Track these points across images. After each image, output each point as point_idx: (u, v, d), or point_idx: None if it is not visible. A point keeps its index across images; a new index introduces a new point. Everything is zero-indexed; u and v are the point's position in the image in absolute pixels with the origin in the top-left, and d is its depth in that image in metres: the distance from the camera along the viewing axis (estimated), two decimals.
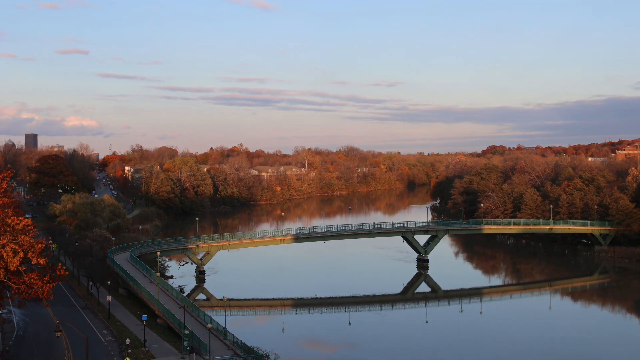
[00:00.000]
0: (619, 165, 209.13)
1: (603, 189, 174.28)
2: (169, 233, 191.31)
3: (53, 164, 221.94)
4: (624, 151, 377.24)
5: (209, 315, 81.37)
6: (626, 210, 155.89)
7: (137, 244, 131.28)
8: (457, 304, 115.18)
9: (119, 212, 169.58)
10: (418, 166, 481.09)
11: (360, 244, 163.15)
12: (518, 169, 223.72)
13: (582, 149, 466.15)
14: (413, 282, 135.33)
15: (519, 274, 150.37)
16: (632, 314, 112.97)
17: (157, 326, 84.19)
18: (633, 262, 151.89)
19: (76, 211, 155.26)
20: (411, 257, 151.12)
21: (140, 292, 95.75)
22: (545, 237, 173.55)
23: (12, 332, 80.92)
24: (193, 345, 70.34)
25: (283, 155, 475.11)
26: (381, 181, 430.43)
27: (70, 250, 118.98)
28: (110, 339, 78.17)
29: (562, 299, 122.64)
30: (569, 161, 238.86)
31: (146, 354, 71.66)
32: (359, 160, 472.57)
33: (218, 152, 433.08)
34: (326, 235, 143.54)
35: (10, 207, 70.20)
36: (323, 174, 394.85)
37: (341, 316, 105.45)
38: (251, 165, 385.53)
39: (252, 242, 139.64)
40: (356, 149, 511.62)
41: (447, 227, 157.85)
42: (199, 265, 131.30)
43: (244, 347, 70.11)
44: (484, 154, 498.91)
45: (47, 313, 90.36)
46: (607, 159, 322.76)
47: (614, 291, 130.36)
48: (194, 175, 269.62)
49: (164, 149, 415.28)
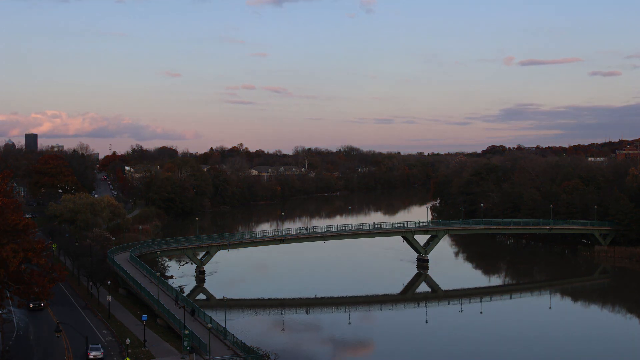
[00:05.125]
0: (619, 165, 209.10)
1: (603, 189, 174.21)
2: (169, 233, 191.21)
3: (53, 164, 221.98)
4: (624, 151, 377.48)
5: (209, 315, 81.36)
6: (626, 210, 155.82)
7: (137, 244, 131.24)
8: (457, 304, 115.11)
9: (119, 212, 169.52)
10: (418, 166, 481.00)
11: (360, 244, 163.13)
12: (518, 169, 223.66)
13: (582, 149, 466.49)
14: (413, 282, 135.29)
15: (519, 274, 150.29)
16: (632, 314, 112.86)
17: (157, 326, 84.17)
18: (633, 262, 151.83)
19: (76, 211, 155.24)
20: (411, 257, 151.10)
21: (140, 292, 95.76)
22: (545, 237, 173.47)
23: (12, 332, 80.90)
24: (193, 345, 70.35)
25: (283, 155, 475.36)
26: (381, 181, 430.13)
27: (70, 250, 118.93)
28: (110, 339, 78.16)
29: (562, 299, 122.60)
30: (569, 161, 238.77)
31: (146, 354, 71.65)
32: (359, 160, 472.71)
33: (218, 152, 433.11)
34: (326, 235, 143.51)
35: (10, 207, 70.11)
36: (323, 174, 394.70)
37: (341, 316, 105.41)
38: (251, 165, 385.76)
39: (252, 242, 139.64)
40: (356, 149, 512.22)
41: (447, 227, 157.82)
42: (199, 265, 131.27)
43: (244, 347, 70.11)
44: (484, 154, 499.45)
45: (47, 313, 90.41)
46: (607, 159, 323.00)
47: (614, 291, 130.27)
48: (194, 175, 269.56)
49: (164, 149, 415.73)
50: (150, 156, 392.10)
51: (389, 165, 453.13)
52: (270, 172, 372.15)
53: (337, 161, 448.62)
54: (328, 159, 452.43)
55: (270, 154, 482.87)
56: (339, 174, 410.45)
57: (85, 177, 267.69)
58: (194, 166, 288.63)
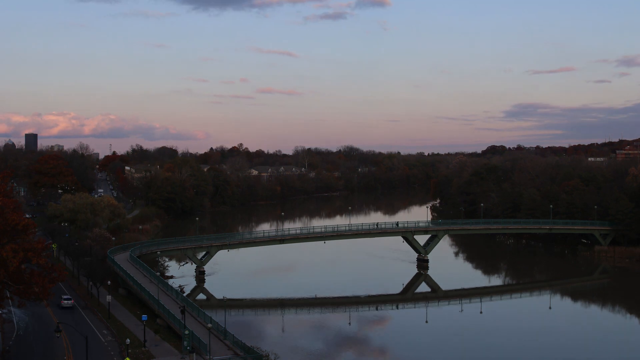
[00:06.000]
0: (619, 165, 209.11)
1: (603, 189, 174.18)
2: (169, 233, 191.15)
3: (53, 164, 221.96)
4: (624, 151, 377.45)
5: (208, 315, 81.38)
6: (626, 210, 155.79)
7: (137, 244, 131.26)
8: (457, 304, 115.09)
9: (119, 212, 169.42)
10: (418, 166, 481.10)
11: (360, 244, 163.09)
12: (518, 169, 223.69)
13: (582, 149, 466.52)
14: (413, 282, 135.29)
15: (519, 274, 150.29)
16: (632, 314, 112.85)
17: (157, 326, 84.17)
18: (633, 262, 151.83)
19: (76, 211, 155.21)
20: (411, 257, 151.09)
21: (140, 292, 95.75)
22: (545, 237, 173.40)
23: (12, 332, 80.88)
24: (193, 345, 70.36)
25: (283, 155, 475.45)
26: (381, 181, 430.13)
27: (70, 250, 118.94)
28: (110, 339, 78.18)
29: (562, 299, 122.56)
30: (569, 161, 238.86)
31: (146, 354, 71.67)
32: (359, 160, 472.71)
33: (218, 152, 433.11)
34: (326, 235, 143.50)
35: (10, 207, 70.12)
36: (323, 174, 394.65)
37: (341, 316, 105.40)
38: (251, 165, 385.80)
39: (252, 242, 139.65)
40: (356, 149, 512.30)
41: (447, 227, 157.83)
42: (199, 265, 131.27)
43: (243, 347, 70.11)
44: (484, 154, 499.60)
45: (47, 313, 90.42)
46: (607, 159, 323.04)
47: (614, 291, 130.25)
48: (194, 175, 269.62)
49: (164, 149, 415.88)
50: (151, 156, 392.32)
51: (389, 165, 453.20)
52: (270, 172, 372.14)
53: (337, 161, 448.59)
54: (328, 159, 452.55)
55: (270, 154, 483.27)
56: (339, 174, 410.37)
57: (85, 177, 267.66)
58: (194, 166, 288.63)
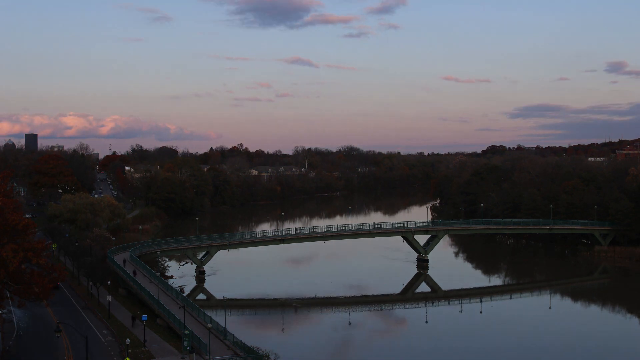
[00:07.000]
0: (619, 165, 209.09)
1: (603, 189, 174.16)
2: (169, 233, 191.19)
3: (53, 164, 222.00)
4: (624, 151, 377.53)
5: (209, 315, 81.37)
6: (626, 210, 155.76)
7: (137, 244, 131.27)
8: (457, 304, 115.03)
9: (119, 212, 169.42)
10: (418, 166, 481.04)
11: (360, 244, 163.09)
12: (518, 169, 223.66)
13: (582, 149, 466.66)
14: (413, 282, 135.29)
15: (519, 274, 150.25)
16: (632, 314, 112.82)
17: (157, 326, 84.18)
18: (633, 262, 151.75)
19: (76, 211, 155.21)
20: (411, 257, 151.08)
21: (140, 292, 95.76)
22: (545, 237, 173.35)
23: (12, 332, 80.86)
24: (193, 345, 70.36)
25: (283, 155, 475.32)
26: (381, 181, 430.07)
27: (70, 250, 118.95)
28: (110, 339, 78.17)
29: (562, 299, 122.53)
30: (569, 161, 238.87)
31: (146, 354, 71.67)
32: (359, 160, 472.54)
33: (218, 152, 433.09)
34: (326, 235, 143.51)
35: (10, 207, 70.13)
36: (323, 174, 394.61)
37: (341, 316, 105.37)
38: (251, 165, 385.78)
39: (252, 242, 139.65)
40: (356, 149, 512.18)
41: (447, 227, 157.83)
42: (199, 265, 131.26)
43: (243, 347, 70.12)
44: (484, 154, 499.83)
45: (47, 313, 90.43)
46: (607, 159, 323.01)
47: (614, 291, 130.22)
48: (194, 175, 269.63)
49: (164, 149, 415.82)
50: (150, 156, 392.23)
51: (389, 165, 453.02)
52: (270, 172, 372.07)
53: (337, 161, 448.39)
54: (328, 159, 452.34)
55: (270, 154, 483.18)
56: (339, 174, 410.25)
57: (85, 177, 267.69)
58: (194, 166, 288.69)
